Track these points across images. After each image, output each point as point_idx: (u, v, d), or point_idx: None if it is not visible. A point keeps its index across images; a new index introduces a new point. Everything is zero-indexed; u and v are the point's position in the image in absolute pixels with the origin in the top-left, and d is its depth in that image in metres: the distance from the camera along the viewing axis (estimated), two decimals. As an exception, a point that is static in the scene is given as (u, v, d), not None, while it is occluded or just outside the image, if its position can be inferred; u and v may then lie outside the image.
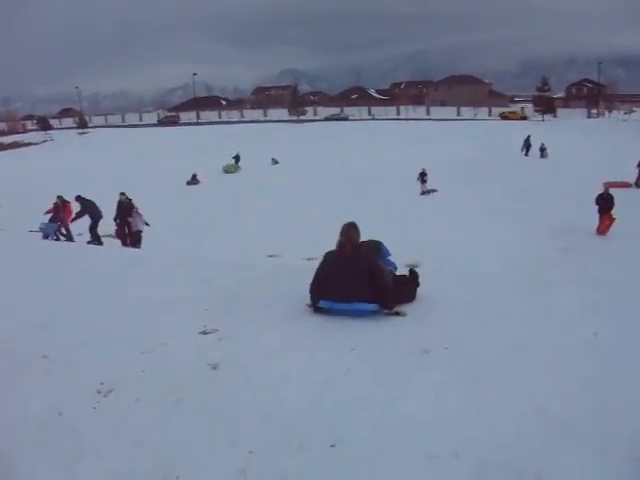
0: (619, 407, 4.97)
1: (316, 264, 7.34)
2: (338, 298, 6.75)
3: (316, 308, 7.12)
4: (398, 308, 7.11)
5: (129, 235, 19.44)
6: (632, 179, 31.91)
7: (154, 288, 8.88)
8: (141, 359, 5.97)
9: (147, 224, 19.26)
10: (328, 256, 6.94)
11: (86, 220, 19.35)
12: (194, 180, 41.03)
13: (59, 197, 20.05)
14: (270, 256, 17.79)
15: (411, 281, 7.56)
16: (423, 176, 32.31)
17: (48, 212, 20.01)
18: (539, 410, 4.89)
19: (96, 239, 18.69)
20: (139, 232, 19.19)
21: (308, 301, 7.48)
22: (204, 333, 6.68)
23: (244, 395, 5.17)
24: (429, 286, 8.78)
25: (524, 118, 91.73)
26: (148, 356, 6.05)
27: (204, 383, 5.42)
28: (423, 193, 31.72)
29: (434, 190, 31.78)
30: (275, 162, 47.69)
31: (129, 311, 7.59)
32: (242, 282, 9.40)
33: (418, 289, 7.71)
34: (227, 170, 45.72)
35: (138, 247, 18.66)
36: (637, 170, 32.09)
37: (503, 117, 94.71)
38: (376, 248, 7.35)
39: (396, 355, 6.05)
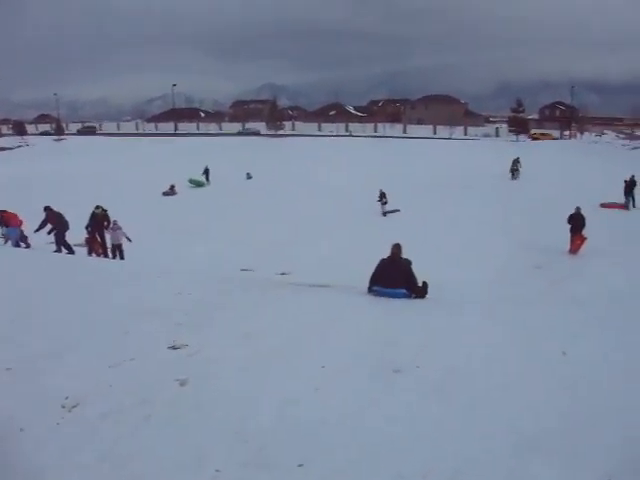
0: (590, 424, 5.00)
1: (290, 279, 7.42)
2: (386, 285, 10.31)
3: (371, 290, 10.52)
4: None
5: (102, 245, 19.34)
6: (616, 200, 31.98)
7: (125, 300, 8.78)
8: (108, 373, 5.88)
9: (129, 239, 19.18)
10: (382, 260, 10.66)
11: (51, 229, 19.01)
12: (172, 191, 40.69)
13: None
14: (243, 270, 17.70)
15: (423, 287, 10.73)
16: (382, 197, 32.12)
17: None
18: (510, 427, 4.91)
19: (67, 248, 18.42)
20: (120, 245, 19.13)
21: (284, 316, 7.56)
22: (173, 348, 6.60)
23: (213, 411, 5.11)
24: (396, 304, 8.96)
25: (556, 139, 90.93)
26: (115, 370, 5.96)
27: (172, 399, 5.35)
28: (384, 214, 31.35)
29: (396, 210, 31.52)
30: (249, 177, 47.17)
31: (98, 323, 7.49)
32: (214, 296, 9.36)
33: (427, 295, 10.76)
34: (193, 183, 44.76)
35: (122, 259, 18.74)
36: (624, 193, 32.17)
37: (534, 138, 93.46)
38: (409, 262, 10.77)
39: (366, 374, 6.03)
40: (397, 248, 10.74)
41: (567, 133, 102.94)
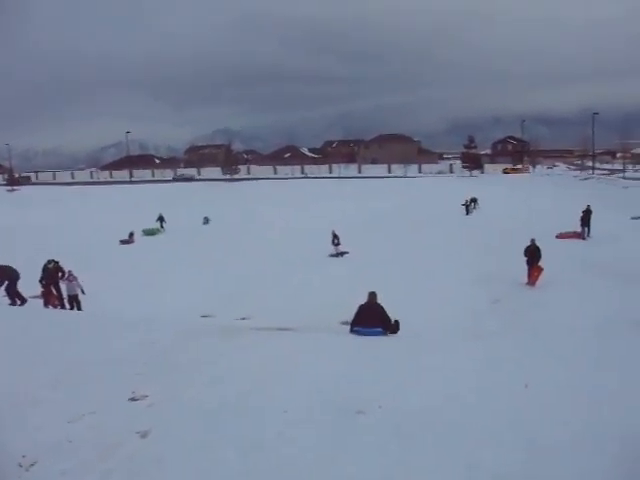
0: (552, 460, 5.02)
1: (252, 323, 7.38)
2: (365, 325, 11.58)
3: (353, 331, 11.70)
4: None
5: (58, 297, 19.10)
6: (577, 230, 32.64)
7: (83, 351, 8.63)
8: (67, 428, 5.75)
9: (83, 292, 18.96)
10: (361, 306, 12.06)
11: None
12: (130, 239, 40.18)
13: None
14: (204, 316, 17.56)
15: (396, 325, 12.00)
16: (335, 238, 31.49)
17: None
18: (472, 465, 4.91)
19: (19, 298, 18.09)
20: (76, 296, 18.89)
21: (244, 362, 7.50)
22: (133, 399, 6.50)
23: (175, 463, 5.04)
24: (361, 344, 8.96)
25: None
26: (75, 424, 5.83)
27: (133, 452, 5.25)
28: (333, 255, 30.65)
29: (345, 252, 30.87)
30: (206, 222, 46.81)
31: (56, 376, 7.32)
32: (175, 344, 9.25)
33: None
34: (148, 233, 44.03)
35: (79, 310, 18.49)
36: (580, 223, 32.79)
37: (505, 172, 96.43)
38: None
39: (329, 416, 6.00)
40: (373, 296, 12.52)
41: (520, 166, 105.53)
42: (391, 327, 12.04)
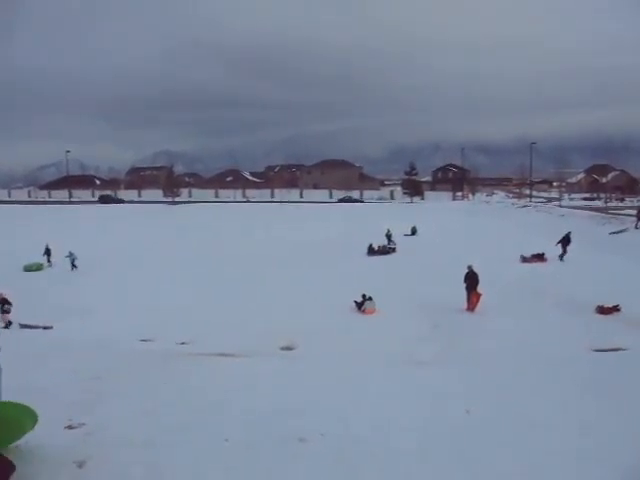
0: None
1: (190, 349, 7.32)
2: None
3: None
4: None
5: None
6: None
7: (17, 380, 8.49)
8: (2, 458, 5.65)
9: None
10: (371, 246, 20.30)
11: None
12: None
13: None
14: (143, 340, 17.30)
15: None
16: (5, 304, 19.98)
17: None
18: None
19: None
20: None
21: (184, 390, 7.49)
22: (70, 427, 6.41)
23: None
24: (299, 372, 9.02)
25: None
26: (11, 454, 5.75)
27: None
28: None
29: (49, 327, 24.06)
30: (73, 263, 38.54)
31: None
32: (112, 371, 9.17)
33: None
34: (28, 269, 36.58)
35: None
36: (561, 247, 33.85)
37: None
38: None
39: (271, 444, 6.05)
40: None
41: (460, 194, 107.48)
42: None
